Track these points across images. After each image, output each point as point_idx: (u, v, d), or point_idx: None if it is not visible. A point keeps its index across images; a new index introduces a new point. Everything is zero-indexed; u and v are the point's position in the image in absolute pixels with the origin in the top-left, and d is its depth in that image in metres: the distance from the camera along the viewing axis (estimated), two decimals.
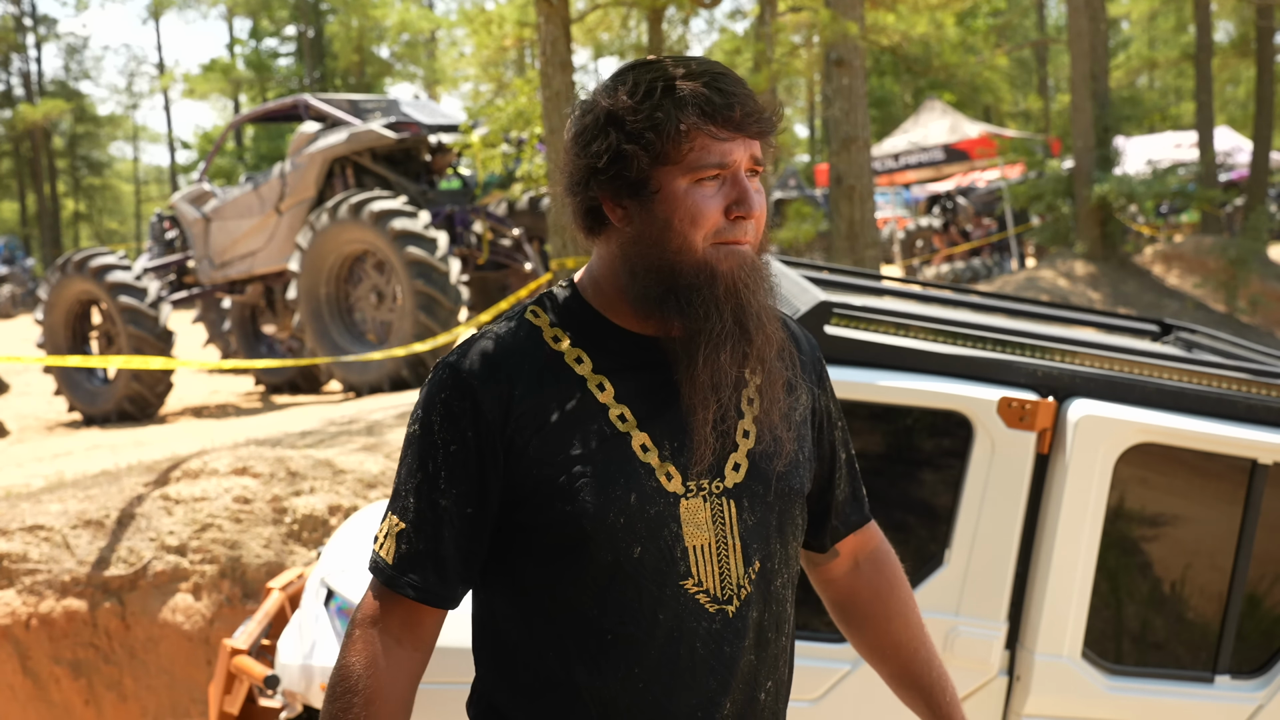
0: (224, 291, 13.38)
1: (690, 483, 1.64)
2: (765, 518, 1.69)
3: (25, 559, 6.03)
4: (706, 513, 1.65)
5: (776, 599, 1.71)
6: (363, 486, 6.70)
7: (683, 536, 1.63)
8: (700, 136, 1.58)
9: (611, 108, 1.61)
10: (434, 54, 46.55)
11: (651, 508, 1.62)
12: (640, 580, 1.62)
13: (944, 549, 3.15)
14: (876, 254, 12.18)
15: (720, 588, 1.65)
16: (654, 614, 1.62)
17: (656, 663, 1.62)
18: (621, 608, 1.62)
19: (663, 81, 1.60)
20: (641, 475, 1.62)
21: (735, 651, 1.65)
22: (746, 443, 1.69)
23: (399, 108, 12.64)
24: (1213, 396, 3.16)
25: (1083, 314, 4.42)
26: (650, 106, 1.58)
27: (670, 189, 1.60)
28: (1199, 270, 17.72)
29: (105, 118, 52.83)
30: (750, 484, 1.68)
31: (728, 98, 1.59)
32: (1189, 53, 22.97)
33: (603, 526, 1.60)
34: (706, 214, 1.60)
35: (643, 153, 1.59)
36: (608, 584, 1.62)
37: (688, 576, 1.63)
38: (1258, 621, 3.25)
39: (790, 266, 4.20)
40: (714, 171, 1.60)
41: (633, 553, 1.61)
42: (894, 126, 29.46)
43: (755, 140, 1.62)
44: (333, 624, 3.79)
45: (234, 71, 48.94)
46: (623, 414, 1.64)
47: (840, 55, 11.68)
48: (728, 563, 1.65)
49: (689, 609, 1.63)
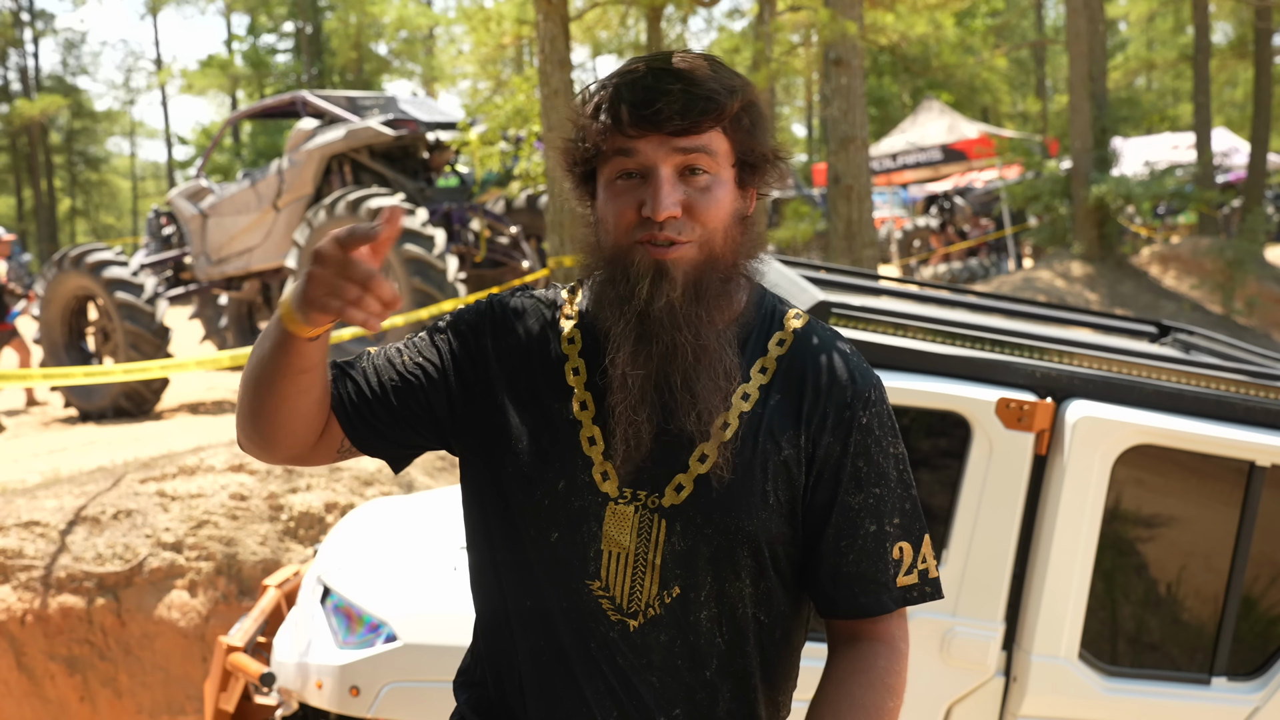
0: (221, 288, 13.35)
1: (627, 489, 1.62)
2: (697, 547, 1.62)
3: (21, 555, 6.02)
4: (634, 523, 1.62)
5: (697, 632, 1.63)
6: (359, 484, 6.69)
7: (599, 537, 1.62)
8: (615, 135, 1.59)
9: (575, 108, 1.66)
10: (432, 51, 46.49)
11: (577, 500, 1.63)
12: (551, 563, 1.64)
13: (941, 549, 3.15)
14: (874, 254, 12.19)
15: (627, 600, 1.63)
16: (559, 600, 1.64)
17: (556, 645, 1.65)
18: (536, 580, 1.66)
19: (609, 79, 1.62)
20: (578, 466, 1.63)
21: (629, 666, 1.63)
22: (700, 466, 1.61)
23: (397, 105, 12.62)
24: (1211, 398, 3.16)
25: (1081, 315, 4.42)
26: (591, 107, 1.62)
27: (601, 187, 1.64)
28: (1196, 271, 17.73)
29: (102, 113, 52.74)
30: (689, 510, 1.61)
31: (647, 94, 1.56)
32: (1187, 54, 23.00)
33: (530, 502, 1.64)
34: (619, 212, 1.60)
35: (583, 153, 1.64)
36: (522, 557, 1.66)
37: (595, 578, 1.63)
38: (1254, 623, 3.25)
39: (788, 265, 4.19)
40: (627, 168, 1.59)
41: (549, 536, 1.64)
42: (892, 126, 29.46)
43: (679, 138, 1.56)
44: (329, 622, 3.78)
45: (232, 68, 48.87)
46: (585, 402, 1.65)
47: (839, 55, 11.68)
48: (641, 579, 1.62)
49: (589, 609, 1.63)
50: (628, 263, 1.59)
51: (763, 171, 1.66)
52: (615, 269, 1.61)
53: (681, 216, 1.58)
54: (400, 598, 3.71)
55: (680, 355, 1.57)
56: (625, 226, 1.59)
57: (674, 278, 1.57)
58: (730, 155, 1.61)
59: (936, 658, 3.11)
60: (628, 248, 1.59)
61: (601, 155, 1.62)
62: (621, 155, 1.59)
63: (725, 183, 1.61)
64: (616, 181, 1.60)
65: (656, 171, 1.57)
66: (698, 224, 1.59)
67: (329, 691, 3.57)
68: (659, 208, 1.55)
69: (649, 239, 1.58)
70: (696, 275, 1.59)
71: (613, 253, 1.61)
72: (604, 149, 1.61)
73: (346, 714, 3.58)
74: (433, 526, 4.23)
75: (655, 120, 1.55)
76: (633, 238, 1.59)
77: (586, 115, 1.63)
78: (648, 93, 1.56)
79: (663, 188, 1.56)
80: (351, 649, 3.61)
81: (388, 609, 3.65)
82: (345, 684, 3.54)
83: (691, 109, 1.55)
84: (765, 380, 1.67)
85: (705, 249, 1.59)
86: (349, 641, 3.66)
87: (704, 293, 1.59)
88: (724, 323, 1.63)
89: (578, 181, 1.68)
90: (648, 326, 1.57)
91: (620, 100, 1.58)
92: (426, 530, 4.23)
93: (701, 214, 1.58)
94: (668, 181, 1.57)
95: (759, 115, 1.65)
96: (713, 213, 1.59)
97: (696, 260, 1.59)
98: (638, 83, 1.58)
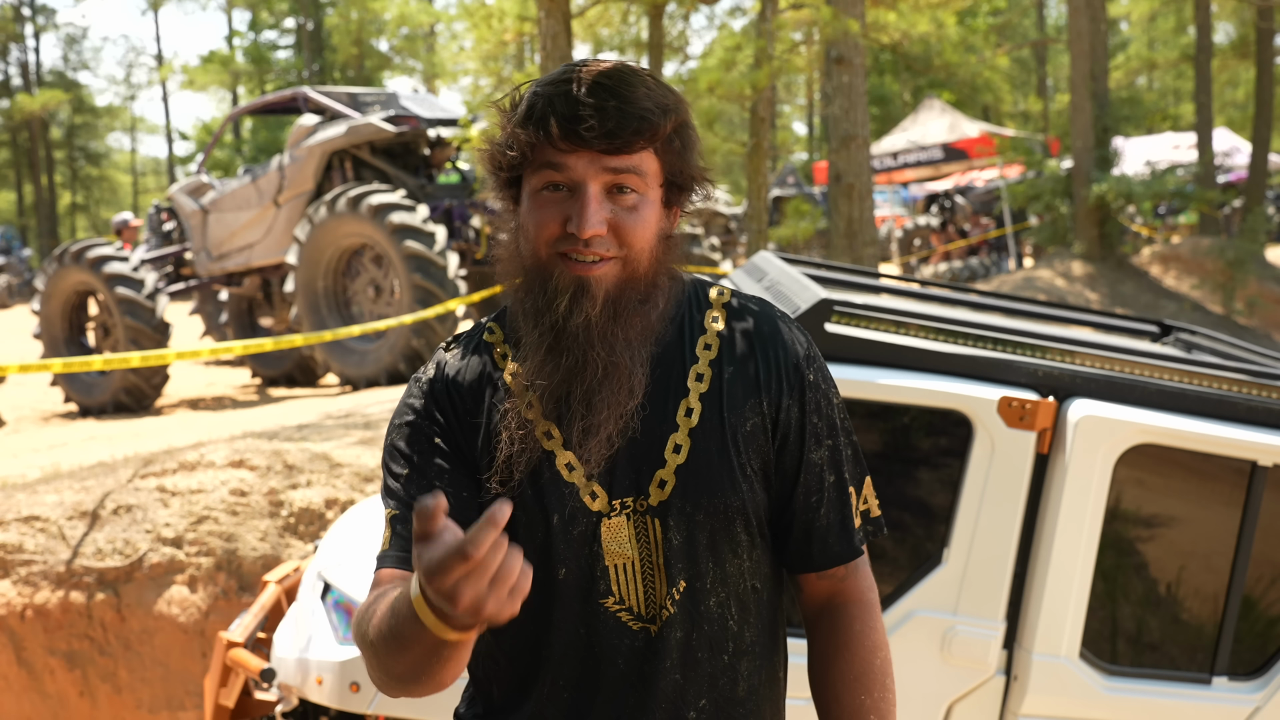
0: (221, 284, 13.35)
1: (615, 501, 1.62)
2: (693, 536, 1.63)
3: (21, 550, 6.02)
4: (629, 531, 1.62)
5: (709, 619, 1.65)
6: (359, 480, 6.69)
7: (602, 555, 1.62)
8: (543, 148, 1.57)
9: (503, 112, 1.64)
10: (433, 47, 46.48)
11: (575, 528, 1.62)
12: (564, 597, 1.63)
13: (943, 548, 3.15)
14: (875, 252, 12.19)
15: (645, 606, 1.63)
16: (575, 629, 1.63)
17: (579, 676, 1.64)
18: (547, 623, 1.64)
19: (536, 89, 1.60)
20: (565, 496, 1.62)
21: (655, 671, 1.63)
22: (676, 458, 1.63)
23: (398, 101, 12.62)
24: (1212, 398, 3.16)
25: (1082, 314, 4.42)
26: (521, 114, 1.59)
27: (526, 195, 1.61)
28: (1196, 271, 17.73)
29: (103, 109, 52.77)
30: (676, 501, 1.62)
31: (578, 109, 1.53)
32: (1188, 54, 22.98)
33: (531, 547, 1.60)
34: (542, 223, 1.58)
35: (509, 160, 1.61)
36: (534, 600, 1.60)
37: (608, 595, 1.62)
38: (1256, 623, 3.25)
39: (789, 263, 4.19)
40: (554, 180, 1.57)
41: (557, 574, 1.62)
42: (893, 125, 29.45)
43: (610, 156, 1.55)
44: (329, 618, 3.78)
45: (233, 63, 48.87)
46: (549, 431, 1.63)
47: (840, 53, 11.67)
48: (653, 581, 1.63)
49: (610, 626, 1.63)
50: (547, 276, 1.58)
51: (689, 192, 1.66)
52: (534, 281, 1.60)
53: (606, 234, 1.57)
54: None
55: (589, 370, 1.57)
56: (548, 239, 1.58)
57: (594, 295, 1.56)
58: (659, 175, 1.61)
59: (937, 656, 3.10)
60: (548, 260, 1.58)
61: (528, 162, 1.60)
62: (549, 167, 1.57)
63: (652, 203, 1.60)
64: (542, 192, 1.59)
65: (584, 188, 1.55)
66: (622, 243, 1.58)
67: (329, 687, 3.57)
68: (584, 225, 1.54)
69: (571, 252, 1.57)
70: (616, 293, 1.58)
71: (532, 263, 1.60)
72: (530, 156, 1.59)
73: (347, 710, 3.58)
74: None
75: (584, 137, 1.53)
76: (554, 250, 1.58)
77: (516, 122, 1.60)
78: (581, 107, 1.53)
79: (589, 205, 1.55)
80: (352, 645, 3.61)
81: None
82: (345, 680, 3.54)
83: (624, 128, 1.53)
84: (713, 356, 1.68)
85: (627, 268, 1.59)
86: (349, 637, 3.66)
87: (622, 310, 1.59)
88: (639, 336, 1.62)
89: (501, 186, 1.65)
90: (561, 340, 1.57)
91: (552, 112, 1.55)
92: None
93: (627, 234, 1.57)
94: (595, 199, 1.55)
95: (690, 135, 1.64)
96: (638, 233, 1.58)
97: (618, 278, 1.59)
98: (571, 96, 1.55)
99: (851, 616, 1.73)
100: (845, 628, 1.72)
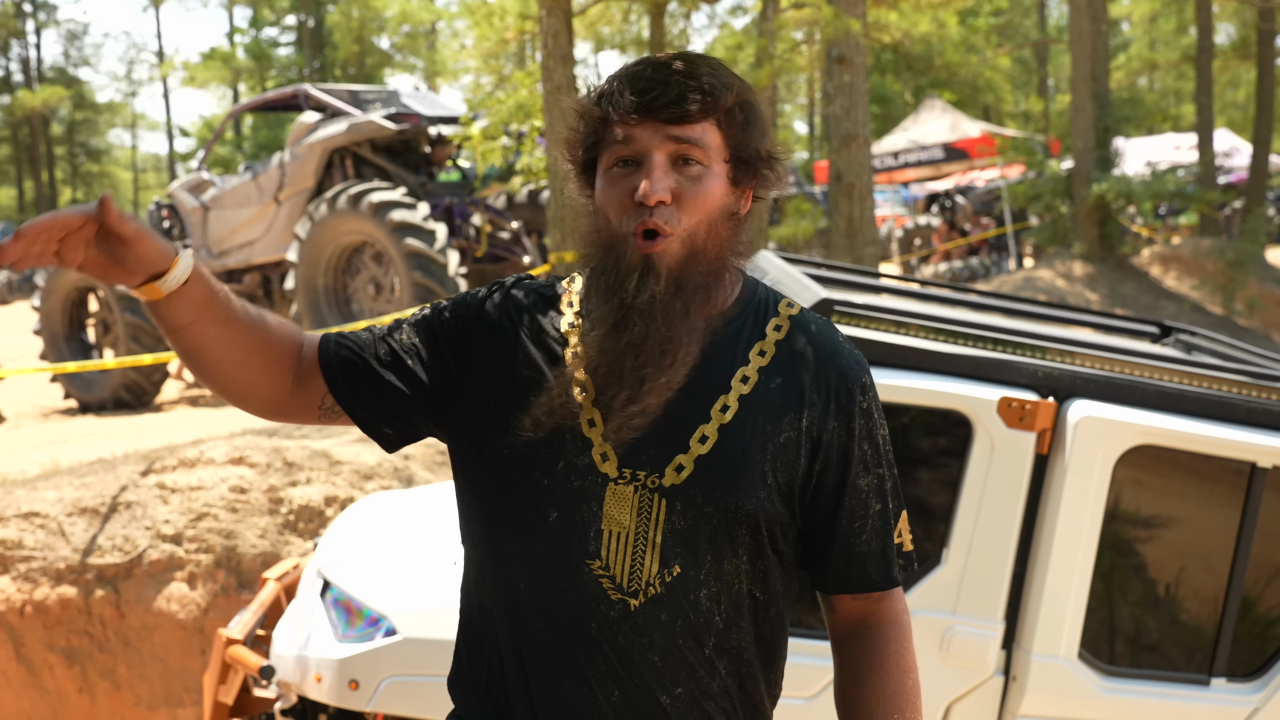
0: (222, 280, 13.35)
1: (626, 470, 1.65)
2: (697, 526, 1.65)
3: (20, 546, 6.02)
4: (634, 503, 1.65)
5: (697, 610, 1.66)
6: (359, 478, 6.69)
7: (599, 517, 1.65)
8: (614, 124, 1.65)
9: (579, 100, 1.73)
10: (434, 45, 46.48)
11: (576, 480, 1.65)
12: (551, 544, 1.66)
13: (942, 548, 3.15)
14: (875, 252, 12.19)
15: (628, 579, 1.65)
16: (557, 581, 1.66)
17: (554, 626, 1.67)
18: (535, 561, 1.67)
19: (612, 75, 1.69)
20: (577, 448, 1.65)
21: (630, 645, 1.65)
22: (701, 448, 1.66)
23: (399, 99, 12.61)
24: (1212, 399, 3.16)
25: (1082, 315, 4.42)
26: (595, 97, 1.68)
27: (599, 175, 1.69)
28: (1197, 272, 17.72)
29: (104, 105, 52.72)
30: (689, 489, 1.65)
31: (644, 84, 1.62)
32: (1190, 54, 22.98)
33: (528, 482, 1.66)
34: (614, 198, 1.65)
35: (583, 139, 1.70)
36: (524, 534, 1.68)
37: (595, 557, 1.65)
38: (1254, 624, 3.25)
39: (790, 262, 4.19)
40: (624, 155, 1.65)
41: (548, 515, 1.66)
42: (894, 124, 29.43)
43: (672, 125, 1.62)
44: (328, 615, 3.79)
45: (234, 60, 48.83)
46: (584, 385, 1.67)
47: (842, 52, 11.67)
48: (642, 558, 1.65)
49: (590, 589, 1.65)
50: (619, 255, 1.64)
51: (757, 170, 1.70)
52: (607, 259, 1.66)
53: (671, 204, 1.62)
54: (400, 592, 3.71)
55: (649, 344, 1.62)
56: (620, 214, 1.64)
57: (659, 272, 1.62)
58: (723, 150, 1.66)
59: (936, 656, 3.11)
60: (621, 239, 1.63)
61: (601, 144, 1.67)
62: (618, 143, 1.64)
63: (717, 176, 1.65)
64: (613, 169, 1.66)
65: (650, 157, 1.63)
66: (685, 214, 1.63)
67: (328, 685, 3.57)
68: (651, 191, 1.60)
69: (640, 228, 1.62)
70: (680, 270, 1.63)
71: (607, 242, 1.65)
72: (603, 137, 1.67)
73: (345, 707, 3.58)
74: (433, 520, 4.23)
75: (650, 107, 1.61)
76: (626, 227, 1.63)
77: (589, 105, 1.69)
78: (645, 83, 1.63)
79: (655, 172, 1.61)
80: (351, 642, 3.62)
81: (387, 603, 3.65)
82: (344, 677, 3.54)
83: (685, 98, 1.61)
84: (765, 363, 1.71)
85: (689, 243, 1.64)
86: (348, 635, 3.66)
87: (685, 286, 1.63)
88: (703, 318, 1.66)
89: (579, 171, 1.73)
90: (629, 317, 1.62)
91: (620, 90, 1.64)
92: (426, 524, 4.24)
93: (690, 204, 1.63)
94: (659, 167, 1.62)
95: (755, 114, 1.69)
96: (701, 203, 1.63)
97: (680, 255, 1.63)
98: (639, 74, 1.65)
99: (887, 637, 1.77)
100: (881, 647, 1.77)
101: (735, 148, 1.66)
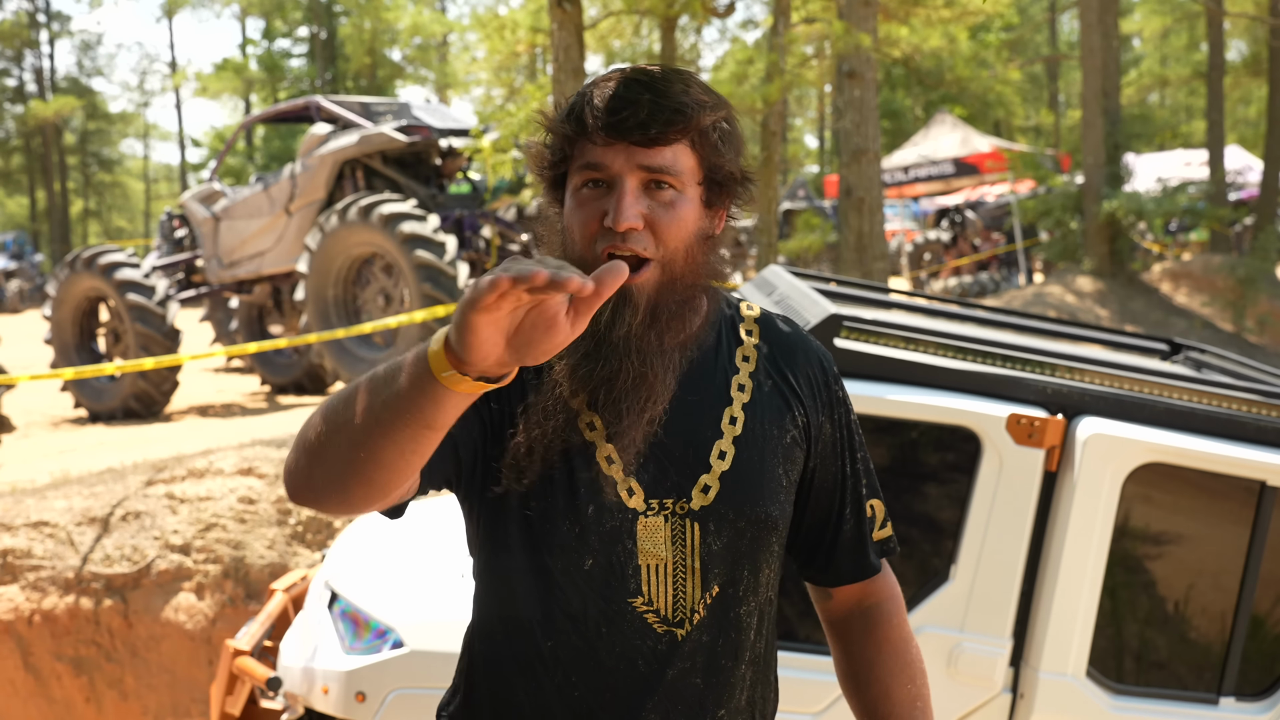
0: (232, 291, 13.39)
1: (653, 500, 1.61)
2: (734, 543, 1.63)
3: (29, 555, 6.03)
4: (666, 532, 1.61)
5: (736, 626, 1.65)
6: None
7: (636, 554, 1.61)
8: (582, 143, 1.57)
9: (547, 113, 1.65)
10: (446, 58, 46.62)
11: (609, 522, 1.60)
12: (588, 592, 1.60)
13: (950, 565, 3.14)
14: (884, 266, 12.18)
15: (672, 610, 1.62)
16: (598, 627, 1.61)
17: (595, 676, 1.61)
18: (568, 616, 1.61)
19: (583, 89, 1.61)
20: (603, 489, 1.60)
21: (679, 675, 1.62)
22: (722, 464, 1.63)
23: (410, 111, 12.64)
24: (1222, 417, 3.16)
25: (1092, 331, 4.41)
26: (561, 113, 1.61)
27: (568, 195, 1.61)
28: (1207, 289, 17.68)
29: (117, 115, 52.97)
30: (719, 507, 1.62)
31: (614, 103, 1.54)
32: (1201, 71, 22.98)
33: (559, 535, 1.60)
34: (582, 220, 1.57)
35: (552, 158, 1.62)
36: (554, 590, 1.61)
37: (638, 594, 1.61)
38: (1263, 643, 3.23)
39: (799, 277, 4.19)
40: (593, 177, 1.56)
41: (583, 564, 1.60)
42: (904, 139, 29.43)
43: (644, 149, 1.54)
44: (336, 627, 3.79)
45: (246, 71, 49.05)
46: (592, 422, 1.61)
47: (852, 67, 11.68)
48: (684, 585, 1.62)
49: (635, 627, 1.61)
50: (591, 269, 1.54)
51: (730, 191, 1.63)
52: None
53: (643, 230, 1.55)
54: (407, 604, 3.71)
55: (620, 379, 1.56)
56: (588, 237, 1.56)
57: (635, 303, 1.55)
58: (697, 172, 1.58)
59: (943, 673, 3.10)
60: (591, 261, 1.55)
61: (570, 162, 1.60)
62: (588, 165, 1.57)
63: (690, 200, 1.58)
64: (582, 190, 1.58)
65: (621, 181, 1.55)
66: (659, 240, 1.56)
67: (335, 697, 3.57)
68: (620, 218, 1.53)
69: (611, 250, 1.54)
70: (656, 298, 1.57)
71: (577, 264, 1.56)
72: (571, 154, 1.59)
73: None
74: (440, 533, 4.23)
75: (620, 129, 1.53)
76: (595, 250, 1.55)
77: (558, 119, 1.61)
78: (616, 101, 1.54)
79: (625, 198, 1.53)
80: (358, 654, 3.62)
81: (395, 615, 3.65)
82: (351, 689, 3.54)
83: (657, 119, 1.53)
84: (751, 368, 1.70)
85: (666, 270, 1.57)
86: (355, 647, 3.66)
87: (660, 315, 1.57)
88: (675, 343, 1.61)
89: (548, 187, 1.66)
90: (600, 349, 1.56)
91: (589, 106, 1.56)
92: (434, 537, 4.24)
93: (663, 230, 1.55)
94: (630, 192, 1.54)
95: (729, 133, 1.61)
96: (675, 230, 1.56)
97: (657, 282, 1.57)
98: (608, 91, 1.56)
99: (888, 612, 1.82)
100: (884, 622, 1.81)
101: (709, 169, 1.59)
